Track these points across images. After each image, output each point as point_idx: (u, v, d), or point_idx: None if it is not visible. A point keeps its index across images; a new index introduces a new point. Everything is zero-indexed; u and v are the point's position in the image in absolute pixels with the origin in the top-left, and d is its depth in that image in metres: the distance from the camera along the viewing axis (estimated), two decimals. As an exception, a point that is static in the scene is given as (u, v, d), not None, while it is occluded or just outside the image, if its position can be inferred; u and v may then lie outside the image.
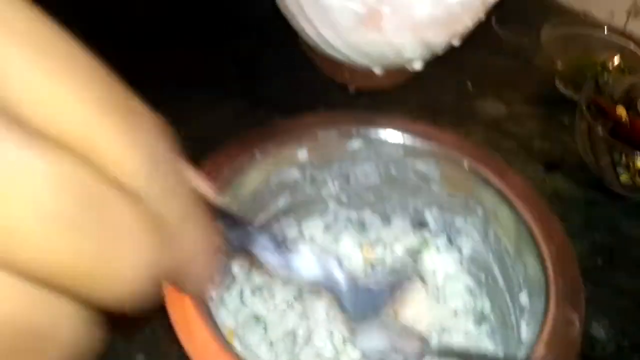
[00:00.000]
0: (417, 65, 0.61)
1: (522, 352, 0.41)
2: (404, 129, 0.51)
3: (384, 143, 0.51)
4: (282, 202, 0.53)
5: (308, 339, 0.47)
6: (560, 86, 0.83)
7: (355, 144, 0.52)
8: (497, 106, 0.81)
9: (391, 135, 0.51)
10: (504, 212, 0.47)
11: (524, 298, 0.44)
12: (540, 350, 0.37)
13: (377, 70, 0.56)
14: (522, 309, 0.44)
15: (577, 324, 0.38)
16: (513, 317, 0.45)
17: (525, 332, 0.42)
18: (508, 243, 0.47)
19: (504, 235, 0.48)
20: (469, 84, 0.83)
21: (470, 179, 0.49)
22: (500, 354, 0.47)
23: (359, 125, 0.52)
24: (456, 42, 0.57)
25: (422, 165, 0.51)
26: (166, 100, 0.78)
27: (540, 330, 0.38)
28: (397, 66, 0.61)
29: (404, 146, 0.51)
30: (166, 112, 0.72)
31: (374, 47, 0.53)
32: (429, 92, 0.80)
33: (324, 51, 0.59)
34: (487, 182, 0.48)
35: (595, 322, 0.55)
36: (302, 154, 0.51)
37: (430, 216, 0.54)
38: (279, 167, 0.51)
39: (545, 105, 0.82)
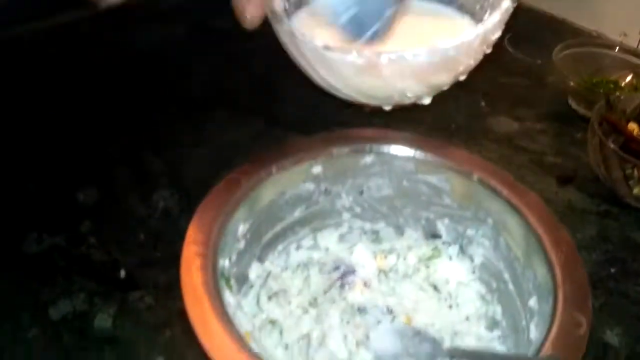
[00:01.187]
0: (426, 101, 0.61)
1: (531, 352, 0.42)
2: (415, 145, 0.53)
3: (396, 158, 0.53)
4: (298, 213, 0.55)
5: (322, 342, 0.48)
6: (572, 103, 0.85)
7: (368, 159, 0.54)
8: (510, 123, 0.82)
9: (403, 151, 0.53)
10: (513, 222, 0.48)
11: (533, 303, 0.45)
12: (548, 348, 0.38)
13: (387, 108, 0.56)
14: (531, 313, 0.45)
15: (584, 326, 0.39)
16: (524, 322, 0.47)
17: (534, 333, 0.43)
18: (518, 251, 0.49)
19: (514, 244, 0.49)
20: (483, 102, 0.85)
21: (480, 191, 0.51)
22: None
23: (371, 141, 0.54)
24: (463, 78, 0.57)
25: (433, 179, 0.53)
26: (186, 122, 0.82)
27: (548, 331, 0.39)
28: (405, 104, 0.61)
29: (415, 160, 0.53)
30: (186, 133, 0.75)
31: (378, 91, 0.54)
32: (443, 111, 0.82)
33: (330, 92, 0.60)
34: (496, 194, 0.50)
35: (608, 330, 0.56)
36: (317, 169, 0.53)
37: (442, 227, 0.56)
38: (295, 182, 0.53)
39: (557, 122, 0.83)
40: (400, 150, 0.52)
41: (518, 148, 0.78)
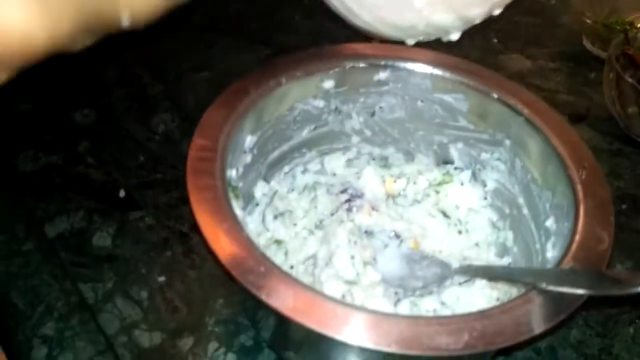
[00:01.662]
0: (454, 37, 0.58)
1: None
2: (433, 61, 0.51)
3: (412, 74, 0.51)
4: (306, 133, 0.53)
5: (329, 262, 0.47)
6: (586, 44, 0.82)
7: (383, 74, 0.51)
8: (523, 61, 0.80)
9: (420, 67, 0.51)
10: (533, 141, 0.47)
11: (550, 223, 0.44)
12: (567, 263, 0.37)
13: (410, 42, 0.53)
14: (548, 234, 0.44)
15: (607, 241, 0.38)
16: (538, 245, 0.45)
17: (552, 253, 0.42)
18: (535, 172, 0.47)
19: (531, 165, 0.47)
20: (495, 40, 0.82)
21: (499, 110, 0.49)
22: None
23: (388, 56, 0.51)
24: (497, 12, 0.52)
25: (450, 98, 0.51)
26: (189, 47, 0.79)
27: (568, 247, 0.38)
28: (430, 38, 0.58)
29: (432, 78, 0.51)
30: (189, 58, 0.72)
31: (406, 22, 0.50)
32: (456, 48, 0.79)
33: (349, 22, 0.56)
34: (516, 112, 0.48)
35: (619, 264, 0.55)
36: (329, 83, 0.51)
37: (455, 152, 0.54)
38: (305, 96, 0.50)
39: (571, 62, 0.80)
40: (417, 67, 0.50)
41: (530, 86, 0.76)
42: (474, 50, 0.80)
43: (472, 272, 0.45)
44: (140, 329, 0.48)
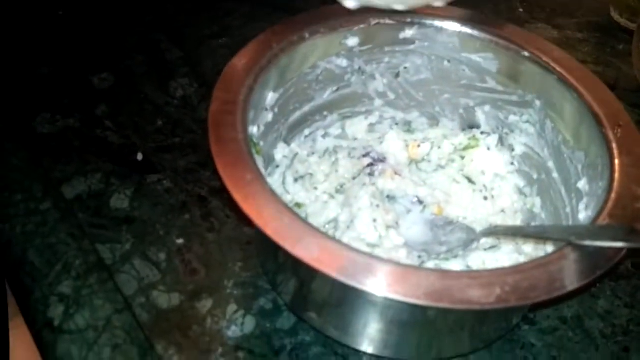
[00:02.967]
0: (438, 3, 0.54)
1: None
2: (462, 18, 0.49)
3: (440, 32, 0.49)
4: (327, 94, 0.52)
5: (350, 225, 0.45)
6: (615, 14, 0.80)
7: (409, 32, 0.49)
8: (549, 31, 0.78)
9: (448, 24, 0.49)
10: (565, 101, 0.45)
11: (582, 185, 0.42)
12: (604, 219, 0.35)
13: (400, 7, 0.49)
14: (580, 196, 0.42)
15: (644, 199, 0.36)
16: (568, 208, 0.44)
17: (584, 214, 0.40)
18: (567, 133, 0.45)
19: (562, 126, 0.46)
20: (520, 9, 0.80)
21: (530, 69, 0.47)
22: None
23: (414, 13, 0.49)
24: None
25: (479, 58, 0.49)
26: (207, 14, 0.78)
27: (604, 205, 0.36)
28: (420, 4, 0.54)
29: (460, 35, 0.49)
30: (207, 25, 0.71)
31: None
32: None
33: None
34: (548, 71, 0.46)
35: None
36: (353, 41, 0.49)
37: (482, 115, 0.52)
38: (328, 53, 0.49)
39: (599, 33, 0.78)
40: (445, 24, 0.48)
41: (556, 56, 0.74)
42: (499, 19, 0.78)
43: (502, 232, 0.43)
44: (159, 290, 0.47)
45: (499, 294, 0.31)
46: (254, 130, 0.43)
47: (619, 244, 0.31)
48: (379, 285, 0.31)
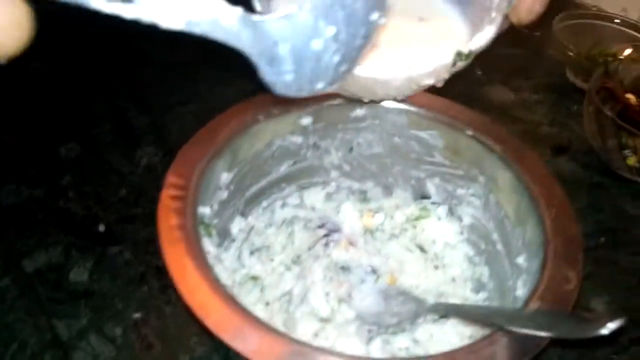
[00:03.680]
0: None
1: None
2: (408, 99, 0.51)
3: (388, 111, 0.51)
4: (284, 168, 0.54)
5: (304, 299, 0.47)
6: (570, 75, 0.83)
7: (360, 111, 0.52)
8: (506, 93, 0.81)
9: (395, 104, 0.51)
10: (505, 178, 0.47)
11: (522, 260, 0.44)
12: (534, 303, 0.36)
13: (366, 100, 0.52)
14: (519, 271, 0.44)
15: (574, 280, 0.38)
16: (510, 282, 0.45)
17: (521, 290, 0.42)
18: (509, 209, 0.47)
19: (505, 202, 0.48)
20: (479, 71, 0.83)
21: (473, 147, 0.49)
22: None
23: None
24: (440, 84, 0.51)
25: (426, 134, 0.51)
26: (174, 81, 0.80)
27: (536, 287, 0.38)
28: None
29: (407, 114, 0.51)
30: (174, 92, 0.72)
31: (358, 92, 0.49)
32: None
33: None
34: (489, 149, 0.48)
35: (596, 298, 0.55)
36: (306, 120, 0.51)
37: (432, 186, 0.54)
38: (283, 132, 0.51)
39: (554, 94, 0.81)
40: (393, 103, 0.50)
41: (513, 118, 0.76)
42: (457, 82, 0.80)
43: (443, 310, 0.45)
44: (114, 367, 0.47)
45: (430, 384, 0.32)
46: (206, 210, 0.45)
47: (543, 334, 0.33)
48: (314, 378, 0.32)
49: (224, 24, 0.27)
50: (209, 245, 0.44)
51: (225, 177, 0.47)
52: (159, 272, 0.54)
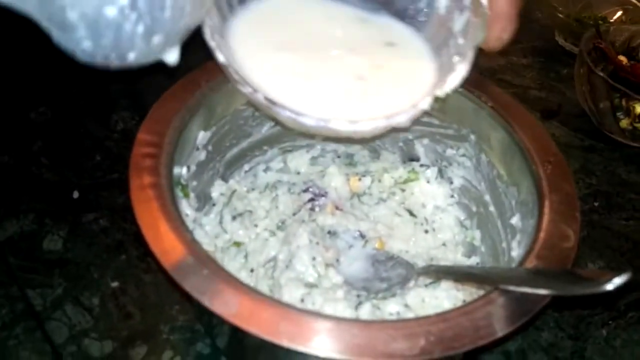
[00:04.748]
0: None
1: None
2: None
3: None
4: (266, 129, 0.51)
5: (289, 264, 0.45)
6: (559, 38, 0.81)
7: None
8: (494, 57, 0.78)
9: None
10: (498, 135, 0.45)
11: (515, 221, 0.42)
12: (530, 261, 0.35)
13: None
14: (514, 232, 0.42)
15: (572, 238, 0.36)
16: (504, 243, 0.43)
17: (516, 251, 0.40)
18: (501, 168, 0.45)
19: (497, 161, 0.46)
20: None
21: (463, 105, 0.47)
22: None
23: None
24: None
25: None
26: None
27: (532, 245, 0.36)
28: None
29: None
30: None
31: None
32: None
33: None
34: (480, 106, 0.46)
35: (590, 263, 0.53)
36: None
37: (421, 148, 0.52)
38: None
39: (543, 58, 0.79)
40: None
41: (502, 82, 0.74)
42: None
43: (434, 272, 0.43)
44: (91, 337, 0.45)
45: (423, 345, 0.30)
46: (182, 171, 0.42)
47: (542, 291, 0.31)
48: (299, 340, 0.30)
49: None
50: (186, 208, 0.42)
51: (202, 136, 0.44)
52: (137, 240, 0.52)
